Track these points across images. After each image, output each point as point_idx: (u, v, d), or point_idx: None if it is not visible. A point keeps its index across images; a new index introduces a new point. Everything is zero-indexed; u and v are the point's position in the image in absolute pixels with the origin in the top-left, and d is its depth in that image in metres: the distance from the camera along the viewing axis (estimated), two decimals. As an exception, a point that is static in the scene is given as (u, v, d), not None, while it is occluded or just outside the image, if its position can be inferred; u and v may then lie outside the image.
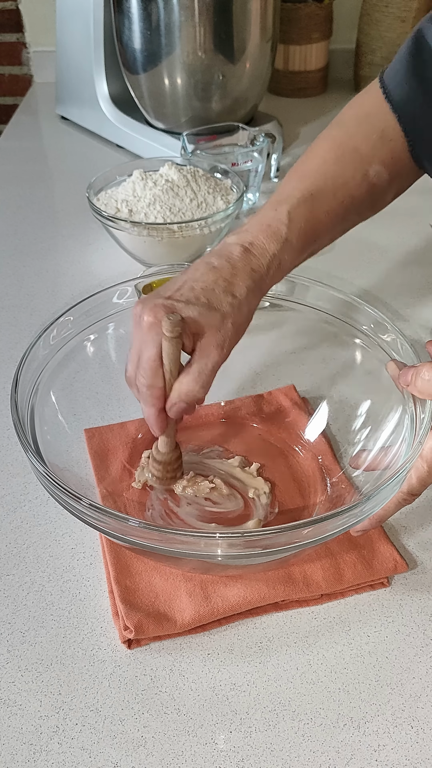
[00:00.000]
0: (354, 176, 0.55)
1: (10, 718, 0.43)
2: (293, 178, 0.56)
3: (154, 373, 0.47)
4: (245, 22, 1.03)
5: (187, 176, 0.83)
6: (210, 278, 0.48)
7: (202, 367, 0.47)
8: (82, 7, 1.12)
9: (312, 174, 0.55)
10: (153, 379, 0.48)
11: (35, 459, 0.44)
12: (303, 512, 0.55)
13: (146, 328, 0.47)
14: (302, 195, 0.53)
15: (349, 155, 0.56)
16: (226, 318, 0.47)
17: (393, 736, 0.42)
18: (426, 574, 0.51)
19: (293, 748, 0.42)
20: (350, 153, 0.56)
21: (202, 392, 0.48)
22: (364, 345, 0.58)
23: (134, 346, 0.49)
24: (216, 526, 0.54)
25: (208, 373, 0.47)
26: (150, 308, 0.47)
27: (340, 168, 0.55)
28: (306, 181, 0.54)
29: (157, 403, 0.48)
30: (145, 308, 0.47)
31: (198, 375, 0.47)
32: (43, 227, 0.98)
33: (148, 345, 0.47)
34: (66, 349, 0.57)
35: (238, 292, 0.48)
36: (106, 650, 0.47)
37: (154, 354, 0.47)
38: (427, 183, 0.61)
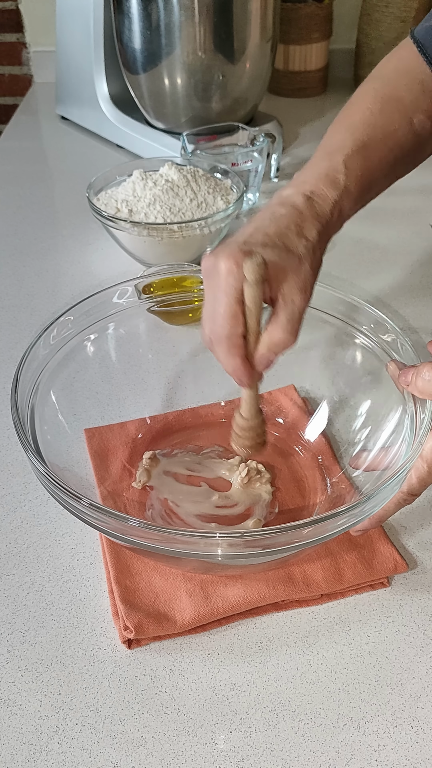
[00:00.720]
0: (401, 125, 0.56)
1: (10, 718, 0.43)
2: (340, 129, 0.55)
3: (235, 320, 0.44)
4: (245, 22, 1.03)
5: (187, 176, 0.83)
6: (282, 223, 0.47)
7: (289, 314, 0.45)
8: (82, 7, 1.12)
9: (360, 124, 0.55)
10: (234, 326, 0.44)
11: (35, 459, 0.44)
12: (303, 512, 0.55)
13: (224, 273, 0.44)
14: (355, 144, 0.53)
15: (394, 104, 0.56)
16: (303, 260, 0.46)
17: (393, 736, 0.42)
18: (426, 574, 0.51)
19: (293, 748, 0.42)
20: (395, 102, 0.56)
21: (293, 340, 0.46)
22: (364, 345, 0.58)
23: (208, 299, 0.46)
24: (216, 526, 0.54)
25: (297, 319, 0.46)
26: (227, 254, 0.44)
27: (386, 117, 0.56)
28: (356, 131, 0.54)
29: (239, 351, 0.45)
30: (221, 254, 0.44)
31: (287, 322, 0.45)
32: (43, 227, 0.98)
33: (224, 293, 0.44)
34: (66, 349, 0.57)
35: (310, 235, 0.48)
36: (106, 650, 0.47)
37: (233, 300, 0.44)
38: (427, 183, 0.62)
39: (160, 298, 0.62)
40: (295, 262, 0.46)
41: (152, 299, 0.62)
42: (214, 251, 0.46)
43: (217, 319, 0.45)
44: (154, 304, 0.62)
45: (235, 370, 0.46)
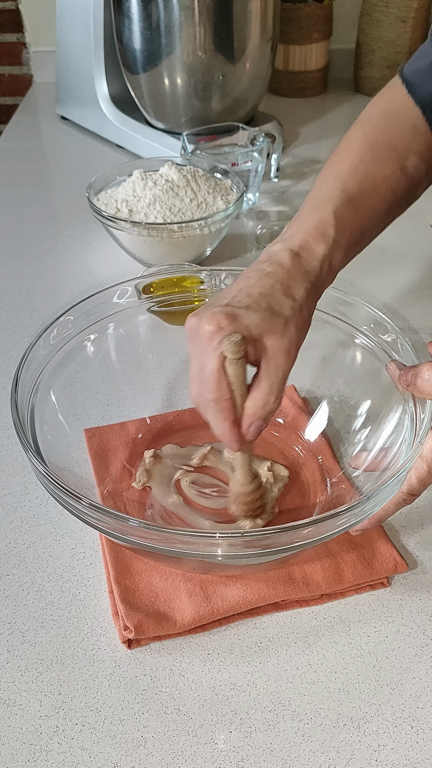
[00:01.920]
0: (394, 171, 0.55)
1: (10, 718, 0.43)
2: (329, 178, 0.54)
3: (219, 385, 0.44)
4: (245, 22, 1.03)
5: (187, 176, 0.83)
6: (267, 283, 0.46)
7: (273, 379, 0.45)
8: (82, 7, 1.12)
9: (351, 173, 0.54)
10: (220, 390, 0.44)
11: (35, 459, 0.44)
12: (303, 512, 0.55)
13: (207, 337, 0.43)
14: (344, 194, 0.52)
15: (386, 150, 0.55)
16: (288, 322, 0.45)
17: (393, 736, 0.42)
18: (426, 574, 0.51)
19: (293, 748, 0.42)
20: (386, 148, 0.55)
21: (277, 404, 0.45)
22: (364, 345, 0.58)
23: (194, 362, 0.46)
24: (212, 525, 0.54)
25: (279, 384, 0.45)
26: (209, 317, 0.44)
27: (378, 165, 0.54)
28: (346, 180, 0.53)
29: (228, 416, 0.45)
30: (203, 318, 0.44)
31: (270, 387, 0.45)
32: (43, 227, 0.98)
33: (209, 356, 0.44)
34: (66, 349, 0.57)
35: (297, 295, 0.46)
36: (106, 650, 0.47)
37: (217, 364, 0.44)
38: (427, 183, 0.62)
39: (160, 298, 0.62)
40: (280, 324, 0.45)
41: (152, 299, 0.62)
42: (197, 312, 0.45)
43: (203, 384, 0.45)
44: (154, 304, 0.62)
45: (224, 433, 0.46)
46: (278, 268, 0.47)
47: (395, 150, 0.55)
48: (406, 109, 0.58)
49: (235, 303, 0.45)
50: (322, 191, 0.53)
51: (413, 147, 0.56)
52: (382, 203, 0.54)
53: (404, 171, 0.55)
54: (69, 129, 1.29)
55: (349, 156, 0.55)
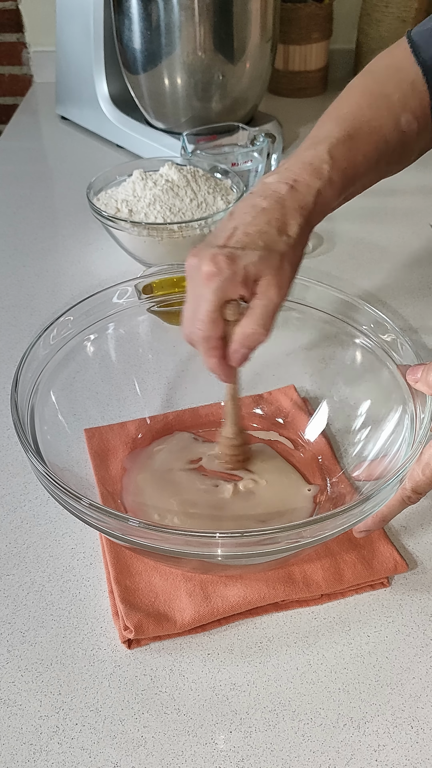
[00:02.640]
0: (387, 122, 0.56)
1: (10, 718, 0.43)
2: (328, 120, 0.56)
3: (213, 324, 0.46)
4: (245, 22, 1.03)
5: (187, 176, 0.83)
6: (262, 220, 0.48)
7: (263, 308, 0.46)
8: (82, 7, 1.12)
9: (348, 117, 0.55)
10: (211, 329, 0.46)
11: (35, 459, 0.44)
12: (303, 512, 0.55)
13: (205, 278, 0.45)
14: (341, 135, 0.53)
15: (383, 101, 0.57)
16: (284, 258, 0.47)
17: (393, 736, 0.42)
18: (426, 574, 0.51)
19: (293, 748, 0.42)
20: (383, 99, 0.57)
21: (265, 334, 0.47)
22: (364, 345, 0.58)
23: (190, 300, 0.48)
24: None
25: (270, 314, 0.46)
26: (208, 258, 0.45)
27: (374, 113, 0.56)
28: (343, 123, 0.54)
29: (217, 353, 0.48)
30: (203, 258, 0.45)
31: (260, 317, 0.46)
32: (43, 227, 0.98)
33: (205, 297, 0.46)
34: (66, 349, 0.57)
35: (291, 231, 0.48)
36: (106, 650, 0.47)
37: (214, 305, 0.46)
38: (427, 183, 0.62)
39: (160, 298, 0.62)
40: (276, 260, 0.47)
41: (152, 299, 0.62)
42: (196, 251, 0.47)
43: (197, 322, 0.47)
44: (154, 304, 0.62)
45: (213, 367, 0.49)
46: (273, 203, 0.49)
47: (391, 102, 0.57)
48: (407, 67, 0.59)
49: (233, 243, 0.47)
50: (320, 131, 0.55)
51: (409, 103, 0.57)
52: (374, 151, 0.55)
53: (397, 125, 0.57)
54: (69, 129, 1.29)
55: (348, 102, 0.57)
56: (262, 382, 0.67)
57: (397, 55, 0.61)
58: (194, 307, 0.47)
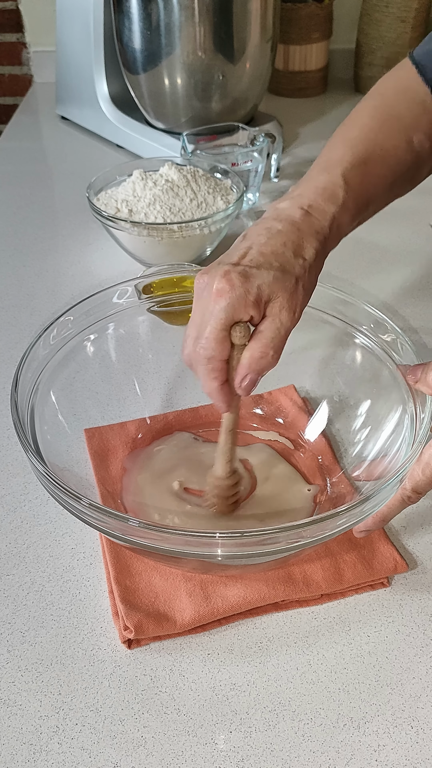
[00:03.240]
0: (400, 144, 0.55)
1: (10, 718, 0.43)
2: (338, 145, 0.55)
3: (219, 344, 0.44)
4: (245, 22, 1.03)
5: (187, 176, 0.83)
6: (278, 241, 0.46)
7: (274, 331, 0.44)
8: (82, 7, 1.12)
9: (360, 140, 0.54)
10: (217, 350, 0.44)
11: (35, 459, 0.44)
12: (303, 512, 0.55)
13: (216, 293, 0.43)
14: (354, 159, 0.52)
15: (394, 122, 0.56)
16: (299, 281, 0.45)
17: (393, 736, 0.42)
18: (426, 574, 0.51)
19: (293, 748, 0.42)
20: (394, 120, 0.56)
21: (275, 359, 0.45)
22: (364, 345, 0.58)
23: (194, 318, 0.45)
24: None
25: (281, 338, 0.45)
26: (220, 275, 0.43)
27: (386, 135, 0.55)
28: (355, 147, 0.53)
29: (219, 376, 0.45)
30: (215, 275, 0.44)
31: (271, 340, 0.44)
32: (43, 227, 0.98)
33: (215, 313, 0.44)
34: (66, 349, 0.57)
35: (307, 255, 0.47)
36: (106, 650, 0.47)
37: (222, 323, 0.43)
38: (427, 183, 0.61)
39: (160, 298, 0.62)
40: (291, 282, 0.45)
41: (152, 299, 0.62)
42: (207, 269, 0.45)
43: (201, 341, 0.45)
44: (154, 304, 0.62)
45: (212, 392, 0.46)
46: (289, 226, 0.47)
47: (403, 124, 0.56)
48: (416, 87, 0.58)
49: (246, 262, 0.45)
50: (332, 155, 0.53)
51: (421, 123, 0.57)
52: (389, 173, 0.55)
53: (410, 145, 0.56)
54: (69, 129, 1.29)
55: (359, 125, 0.56)
56: (262, 382, 0.67)
57: (402, 77, 0.60)
58: (200, 325, 0.45)
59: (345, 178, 0.51)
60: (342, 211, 0.50)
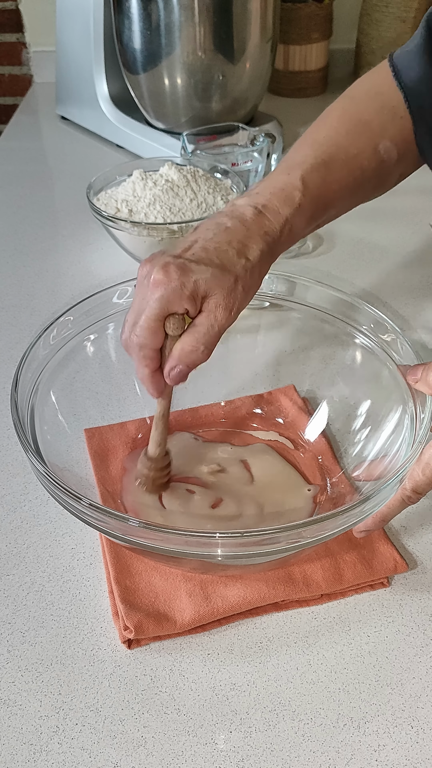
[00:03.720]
0: (365, 149, 0.55)
1: (10, 718, 0.43)
2: (304, 145, 0.55)
3: (152, 333, 0.45)
4: (245, 22, 1.03)
5: (187, 176, 0.82)
6: (223, 239, 0.46)
7: (208, 327, 0.45)
8: (82, 7, 1.12)
9: (324, 143, 0.54)
10: (149, 338, 0.45)
11: (35, 459, 0.44)
12: (303, 513, 0.55)
13: (153, 285, 0.44)
14: (315, 162, 0.52)
15: (361, 128, 0.56)
16: (238, 281, 0.45)
17: (393, 736, 0.42)
18: (426, 574, 0.51)
19: (293, 748, 0.42)
20: (362, 126, 0.56)
21: (205, 354, 0.45)
22: (364, 345, 0.58)
23: (134, 304, 0.46)
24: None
25: (213, 335, 0.45)
26: (161, 265, 0.44)
27: (351, 139, 0.55)
28: (318, 149, 0.53)
29: (150, 363, 0.46)
30: (155, 265, 0.44)
31: (203, 335, 0.45)
32: (43, 227, 0.98)
33: (149, 304, 0.44)
34: (66, 349, 0.57)
35: (251, 255, 0.46)
36: (106, 650, 0.47)
37: (156, 313, 0.44)
38: (427, 183, 0.62)
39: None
40: (230, 281, 0.45)
41: (152, 299, 0.62)
42: (151, 258, 0.45)
43: (136, 329, 0.45)
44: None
45: (143, 378, 0.47)
46: (238, 224, 0.47)
47: (370, 129, 0.56)
48: (388, 92, 0.58)
49: (188, 255, 0.45)
50: (296, 156, 0.53)
51: (388, 130, 0.56)
52: (350, 178, 0.54)
53: (376, 152, 0.55)
54: (69, 129, 1.29)
55: (325, 127, 0.56)
56: (262, 382, 0.67)
57: (377, 79, 0.59)
58: (136, 313, 0.45)
59: (304, 180, 0.50)
60: (296, 214, 0.49)
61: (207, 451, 0.60)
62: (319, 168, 0.52)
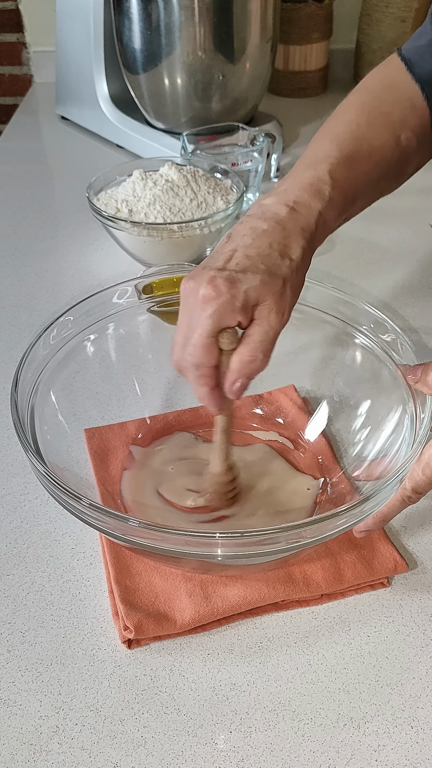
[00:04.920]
0: (388, 140, 0.55)
1: (10, 718, 0.43)
2: (324, 141, 0.54)
3: (206, 351, 0.44)
4: (245, 22, 1.03)
5: (187, 176, 0.82)
6: (263, 242, 0.45)
7: (263, 335, 0.44)
8: (82, 7, 1.12)
9: (347, 137, 0.53)
10: (205, 357, 0.44)
11: (35, 459, 0.44)
12: (303, 513, 0.55)
13: (201, 302, 0.43)
14: (341, 155, 0.51)
15: (383, 119, 0.55)
16: (286, 283, 0.45)
17: (393, 736, 0.42)
18: (426, 574, 0.51)
19: (293, 748, 0.42)
20: (383, 117, 0.56)
21: (264, 363, 0.45)
22: (364, 345, 0.58)
23: (182, 324, 0.45)
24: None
25: (269, 341, 0.44)
26: (207, 280, 0.43)
27: (374, 131, 0.55)
28: (342, 143, 0.53)
29: (208, 382, 0.45)
30: (201, 281, 0.43)
31: (260, 343, 0.44)
32: (43, 227, 0.98)
33: (200, 322, 0.43)
34: (66, 349, 0.57)
35: (294, 254, 0.46)
36: (106, 650, 0.47)
37: (209, 330, 0.43)
38: (427, 183, 0.62)
39: (160, 298, 0.62)
40: (279, 285, 0.44)
41: (152, 299, 0.62)
42: (193, 274, 0.45)
43: (188, 348, 0.44)
44: (154, 304, 0.62)
45: (203, 398, 0.46)
46: (274, 225, 0.46)
47: (391, 121, 0.56)
48: (403, 85, 0.58)
49: (232, 266, 0.44)
50: (318, 151, 0.52)
51: (408, 121, 0.57)
52: (376, 170, 0.54)
53: (398, 143, 0.56)
54: (69, 129, 1.29)
55: (345, 121, 0.55)
56: (262, 382, 0.67)
57: (389, 73, 0.59)
58: (187, 332, 0.44)
59: (331, 174, 0.50)
60: (328, 208, 0.49)
61: (207, 451, 0.60)
62: (346, 161, 0.51)
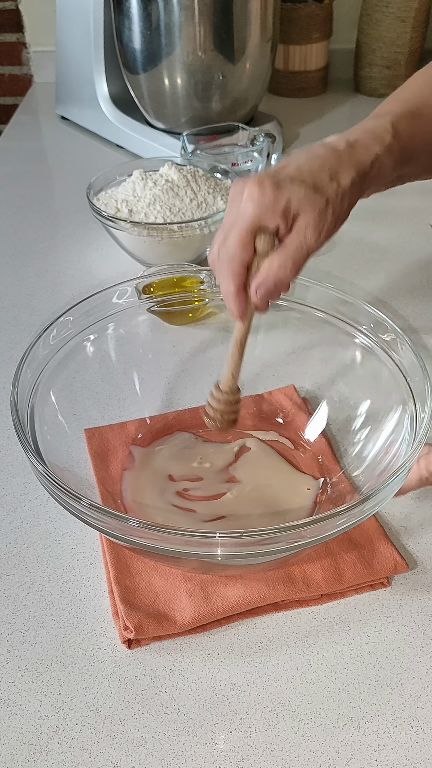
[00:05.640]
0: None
1: (10, 718, 0.43)
2: (390, 100, 0.55)
3: (242, 246, 0.45)
4: (245, 22, 1.03)
5: (187, 176, 0.83)
6: (316, 164, 0.46)
7: (297, 246, 0.45)
8: (82, 7, 1.12)
9: (411, 98, 0.55)
10: (240, 251, 0.45)
11: (35, 459, 0.44)
12: (303, 512, 0.55)
13: (247, 197, 0.44)
14: (403, 111, 0.52)
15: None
16: (329, 203, 0.45)
17: (393, 736, 0.42)
18: (426, 574, 0.51)
19: (293, 748, 0.42)
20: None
21: (293, 273, 0.45)
22: (364, 345, 0.58)
23: (225, 222, 0.46)
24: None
25: (302, 255, 0.45)
26: (256, 181, 0.44)
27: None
28: (406, 103, 0.54)
29: (237, 279, 0.46)
30: (250, 181, 0.45)
31: (292, 252, 0.45)
32: (43, 227, 0.98)
33: (244, 215, 0.44)
34: (66, 349, 0.57)
35: (343, 181, 0.47)
36: (106, 650, 0.47)
37: (248, 225, 0.44)
38: (427, 183, 0.61)
39: (160, 298, 0.62)
40: (322, 202, 0.45)
41: (152, 299, 0.62)
42: (244, 178, 0.46)
43: (226, 242, 0.45)
44: (154, 304, 0.62)
45: (228, 295, 0.47)
46: (330, 152, 0.48)
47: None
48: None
49: (282, 174, 0.45)
50: (383, 107, 0.54)
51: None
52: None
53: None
54: (69, 129, 1.29)
55: (411, 88, 0.57)
56: (262, 382, 0.67)
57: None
58: (227, 228, 0.46)
59: (393, 124, 0.51)
60: (386, 153, 0.50)
61: (207, 451, 0.60)
62: (407, 117, 0.52)
